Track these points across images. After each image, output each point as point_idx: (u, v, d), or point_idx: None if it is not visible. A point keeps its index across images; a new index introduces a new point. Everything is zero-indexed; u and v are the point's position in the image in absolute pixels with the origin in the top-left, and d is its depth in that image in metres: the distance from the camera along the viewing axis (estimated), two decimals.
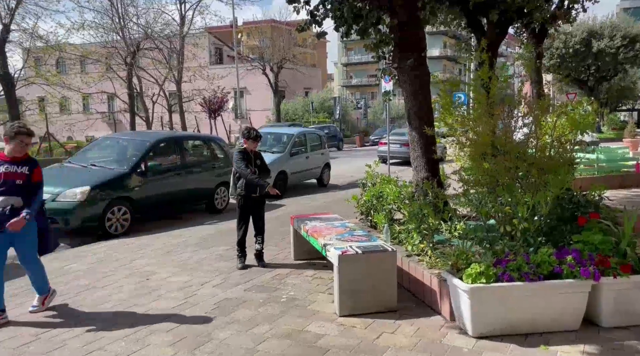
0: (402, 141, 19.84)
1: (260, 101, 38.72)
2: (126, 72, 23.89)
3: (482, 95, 5.34)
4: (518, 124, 5.10)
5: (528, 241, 4.19)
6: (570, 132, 4.79)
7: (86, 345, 3.81)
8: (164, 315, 4.40)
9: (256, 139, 5.75)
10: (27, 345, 3.82)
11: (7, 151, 4.34)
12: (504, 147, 4.72)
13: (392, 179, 5.95)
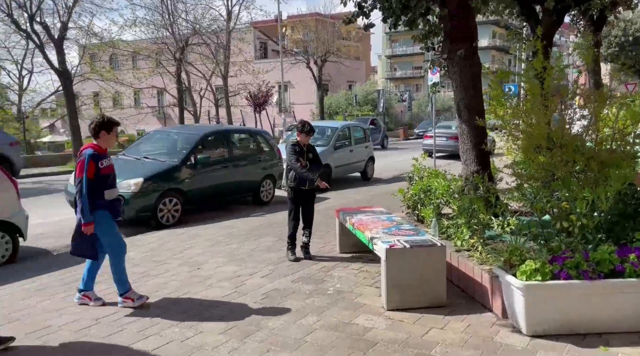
0: (449, 134, 19.44)
1: (303, 94, 38.90)
2: (175, 68, 24.54)
3: (535, 86, 5.15)
4: (575, 116, 4.89)
5: (586, 238, 4.02)
6: (632, 124, 4.56)
7: (143, 330, 3.97)
8: (215, 303, 4.52)
9: (309, 133, 5.76)
10: (87, 328, 4.02)
11: (105, 144, 4.37)
12: (561, 140, 4.54)
13: (441, 173, 5.84)
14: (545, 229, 4.22)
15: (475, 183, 5.01)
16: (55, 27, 18.20)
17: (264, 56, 44.63)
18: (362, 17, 6.56)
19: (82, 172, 4.17)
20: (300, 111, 37.56)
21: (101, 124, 4.30)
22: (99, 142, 4.33)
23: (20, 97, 26.48)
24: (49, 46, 18.72)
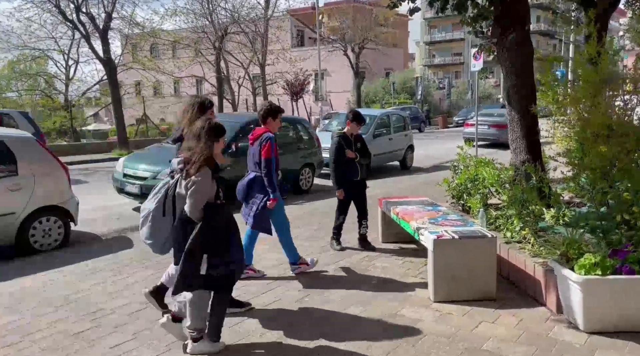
0: (490, 122, 18.91)
1: (340, 82, 38.63)
2: (214, 56, 24.80)
3: (589, 72, 4.89)
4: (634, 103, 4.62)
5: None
6: None
7: None
8: (260, 290, 4.54)
9: (360, 122, 5.64)
10: (137, 312, 4.11)
11: (272, 128, 4.58)
12: (622, 128, 4.29)
13: (489, 162, 5.65)
14: (604, 222, 4.01)
15: (527, 172, 4.82)
16: (100, 17, 18.69)
17: (300, 44, 44.54)
18: (407, 1, 6.38)
19: (269, 154, 4.39)
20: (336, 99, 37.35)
21: (268, 111, 4.58)
22: (266, 127, 4.58)
23: (67, 86, 27.41)
24: (94, 36, 19.24)
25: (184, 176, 3.21)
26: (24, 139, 6.24)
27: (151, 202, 3.41)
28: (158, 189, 3.46)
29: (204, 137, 3.18)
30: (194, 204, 3.15)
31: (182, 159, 3.24)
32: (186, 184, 3.16)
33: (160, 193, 3.38)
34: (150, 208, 3.36)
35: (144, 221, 3.43)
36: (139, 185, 8.04)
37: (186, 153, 3.23)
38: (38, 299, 4.44)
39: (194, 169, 3.12)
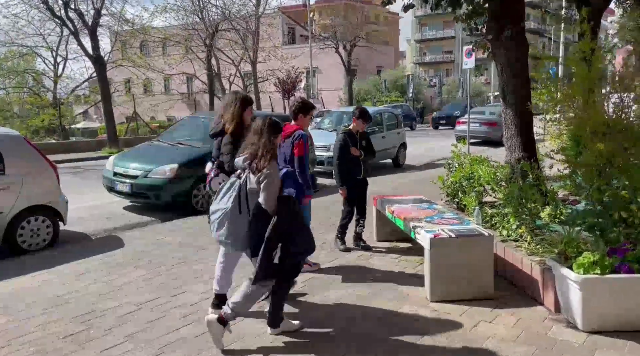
0: (482, 120, 18.93)
1: (331, 80, 38.56)
2: (205, 54, 24.61)
3: (583, 69, 4.88)
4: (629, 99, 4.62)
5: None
6: None
7: (186, 315, 3.95)
8: None
9: (366, 119, 5.49)
10: (131, 313, 4.02)
11: (302, 125, 4.59)
12: (619, 125, 4.27)
13: (485, 159, 5.62)
14: (601, 219, 3.99)
15: (524, 170, 4.79)
16: (89, 13, 18.43)
17: (292, 42, 44.38)
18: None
19: (302, 151, 4.37)
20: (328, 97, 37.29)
21: (300, 107, 4.57)
22: (297, 123, 4.56)
23: (55, 84, 27.06)
24: (82, 33, 18.99)
25: (254, 170, 3.31)
26: (12, 137, 6.10)
27: (223, 202, 3.40)
28: (226, 189, 3.44)
29: (266, 133, 3.35)
30: (269, 196, 3.28)
31: (247, 155, 3.35)
32: (258, 178, 3.28)
33: (232, 192, 3.38)
34: (227, 208, 3.36)
35: (221, 222, 3.40)
36: (129, 184, 7.92)
37: (250, 149, 3.36)
38: (27, 301, 4.33)
39: (263, 162, 3.27)
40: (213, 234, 3.51)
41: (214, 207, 3.47)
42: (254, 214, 3.32)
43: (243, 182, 3.35)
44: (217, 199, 3.48)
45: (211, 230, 3.51)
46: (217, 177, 3.91)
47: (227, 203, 3.36)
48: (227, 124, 3.78)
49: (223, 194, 3.44)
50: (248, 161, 3.34)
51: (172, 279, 4.81)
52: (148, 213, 8.04)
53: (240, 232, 3.37)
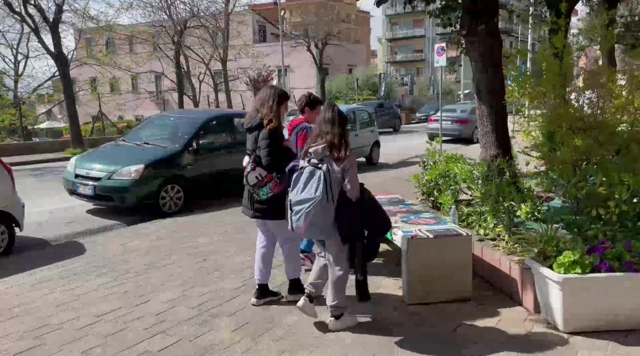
0: (453, 118, 19.08)
1: (303, 78, 38.33)
2: (174, 52, 24.02)
3: (555, 65, 4.84)
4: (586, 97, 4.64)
5: (625, 226, 3.73)
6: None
7: (149, 327, 3.69)
8: (225, 297, 4.25)
9: (315, 104, 4.90)
10: (90, 326, 3.74)
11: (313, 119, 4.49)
12: (595, 121, 4.23)
13: (461, 157, 5.52)
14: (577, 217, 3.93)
15: (501, 167, 4.70)
16: (50, 9, 17.72)
17: (263, 40, 43.96)
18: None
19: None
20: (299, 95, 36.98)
21: (306, 102, 4.68)
22: (304, 117, 4.69)
23: (16, 83, 26.00)
24: (44, 30, 18.24)
25: (336, 159, 3.38)
26: None
27: (310, 192, 3.36)
28: (306, 179, 3.43)
29: (338, 122, 3.48)
30: (355, 184, 3.42)
31: (326, 144, 3.41)
32: (343, 167, 3.38)
33: (316, 182, 3.37)
34: (317, 198, 3.33)
35: (308, 212, 3.35)
36: (92, 186, 7.54)
37: (327, 138, 3.42)
38: None
39: (344, 151, 3.40)
40: (293, 225, 3.46)
41: (297, 197, 3.42)
42: (343, 203, 3.39)
43: (327, 171, 3.36)
44: (296, 190, 3.44)
45: (292, 221, 3.45)
46: (254, 171, 3.84)
47: (315, 193, 3.34)
48: (265, 119, 3.81)
49: (303, 184, 3.43)
50: (328, 149, 3.39)
51: (136, 288, 4.53)
52: (113, 217, 7.68)
53: (327, 220, 3.39)
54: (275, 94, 3.90)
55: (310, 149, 3.47)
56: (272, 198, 3.82)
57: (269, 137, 3.80)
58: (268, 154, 3.78)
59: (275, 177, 3.83)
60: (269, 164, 3.80)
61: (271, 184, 3.82)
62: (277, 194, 3.81)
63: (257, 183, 3.81)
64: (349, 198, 3.39)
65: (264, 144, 3.81)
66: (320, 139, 3.45)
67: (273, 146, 3.79)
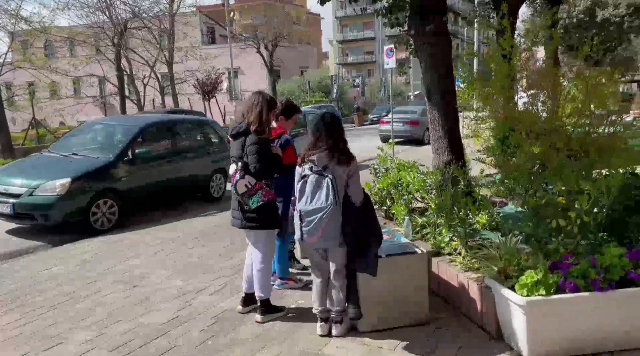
0: (405, 119, 19.06)
1: (254, 81, 37.51)
2: (114, 54, 22.81)
3: (504, 66, 4.64)
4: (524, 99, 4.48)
5: (587, 238, 3.49)
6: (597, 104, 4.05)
7: None
8: (154, 332, 3.71)
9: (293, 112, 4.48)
10: None
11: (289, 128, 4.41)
12: (551, 124, 3.99)
13: (413, 165, 5.20)
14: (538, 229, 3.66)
15: (455, 175, 4.40)
16: None
17: (212, 41, 42.87)
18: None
19: (293, 159, 4.00)
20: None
21: (282, 110, 4.27)
22: (279, 126, 4.27)
23: None
24: None
25: (339, 163, 3.36)
26: None
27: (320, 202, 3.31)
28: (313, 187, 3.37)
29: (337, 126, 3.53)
30: (359, 188, 3.45)
31: (328, 151, 3.38)
32: (348, 172, 3.37)
33: (325, 190, 3.32)
34: (329, 207, 3.28)
35: (320, 222, 3.31)
36: (11, 204, 6.73)
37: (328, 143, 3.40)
38: None
39: (348, 155, 3.42)
40: (304, 235, 3.39)
41: (307, 207, 3.34)
42: (350, 209, 3.38)
43: (333, 178, 3.32)
44: (305, 199, 3.37)
45: (302, 232, 3.39)
46: (242, 179, 3.69)
47: (327, 202, 3.29)
48: (253, 126, 3.70)
49: (311, 193, 3.36)
50: (330, 155, 3.37)
51: (49, 326, 3.91)
52: (37, 237, 6.92)
53: (337, 226, 3.36)
54: (263, 100, 3.79)
55: (312, 157, 3.40)
56: (263, 207, 3.71)
57: (257, 143, 3.66)
58: (257, 161, 3.64)
59: (265, 184, 3.73)
60: (258, 171, 3.66)
61: (261, 192, 3.71)
62: (268, 202, 3.73)
63: (246, 191, 3.68)
64: (353, 203, 3.40)
65: (252, 150, 3.67)
66: (319, 144, 3.42)
67: (262, 152, 3.66)
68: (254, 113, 3.74)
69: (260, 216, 3.75)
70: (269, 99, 3.83)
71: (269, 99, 3.83)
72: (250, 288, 4.02)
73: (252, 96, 3.90)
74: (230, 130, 3.91)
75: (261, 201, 3.69)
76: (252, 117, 3.73)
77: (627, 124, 3.69)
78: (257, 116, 3.72)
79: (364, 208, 3.47)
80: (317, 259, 3.62)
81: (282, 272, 4.50)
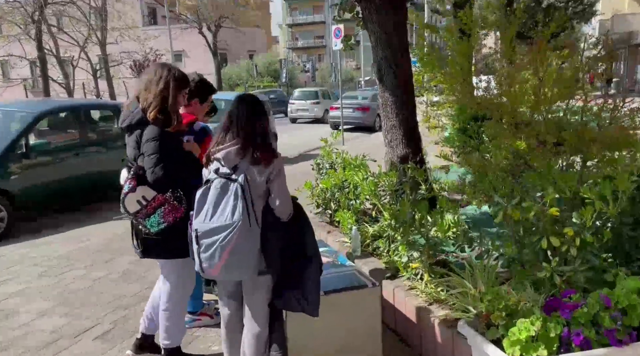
0: (355, 105, 18.32)
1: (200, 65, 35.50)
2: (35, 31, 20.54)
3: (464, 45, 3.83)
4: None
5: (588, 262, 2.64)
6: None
7: None
8: None
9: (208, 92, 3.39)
10: None
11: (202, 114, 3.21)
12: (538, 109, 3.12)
13: (362, 163, 4.20)
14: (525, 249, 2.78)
15: (413, 177, 3.46)
16: None
17: (153, 22, 40.37)
18: None
19: None
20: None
21: (196, 90, 3.08)
22: (188, 111, 3.07)
23: None
24: None
25: (255, 163, 2.37)
26: None
27: (223, 217, 2.29)
28: (216, 197, 2.33)
29: (255, 113, 2.47)
30: (286, 196, 2.45)
31: (240, 145, 2.36)
32: (268, 175, 2.38)
33: (233, 200, 2.29)
34: (235, 223, 2.26)
35: (224, 246, 2.27)
36: None
37: (240, 135, 2.38)
38: None
39: (270, 152, 2.41)
40: (203, 265, 2.35)
41: (205, 226, 2.31)
42: (271, 225, 2.39)
43: (244, 183, 2.31)
44: (204, 214, 2.33)
45: (200, 261, 2.35)
46: (133, 192, 2.56)
47: (233, 217, 2.28)
48: (152, 112, 2.58)
49: (213, 205, 2.33)
50: (242, 152, 2.36)
51: None
52: None
53: (252, 252, 2.35)
54: (169, 74, 2.67)
55: (217, 154, 2.38)
56: (168, 229, 2.59)
57: (157, 138, 2.55)
58: (156, 164, 2.54)
59: (173, 198, 2.60)
60: (160, 178, 2.54)
61: (164, 209, 2.59)
62: (175, 223, 2.59)
63: (140, 210, 2.57)
64: (277, 218, 2.41)
65: (150, 148, 2.56)
66: (229, 137, 2.39)
67: (164, 151, 2.54)
68: (154, 93, 2.62)
69: (164, 242, 2.66)
70: (178, 75, 2.72)
71: (177, 74, 2.71)
72: (151, 328, 2.96)
73: (152, 68, 2.76)
74: (121, 120, 2.77)
75: (164, 222, 2.58)
76: (152, 98, 2.60)
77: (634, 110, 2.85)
78: (159, 97, 2.61)
79: (294, 224, 2.49)
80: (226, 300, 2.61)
81: (192, 305, 3.43)
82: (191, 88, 3.08)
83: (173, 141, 2.63)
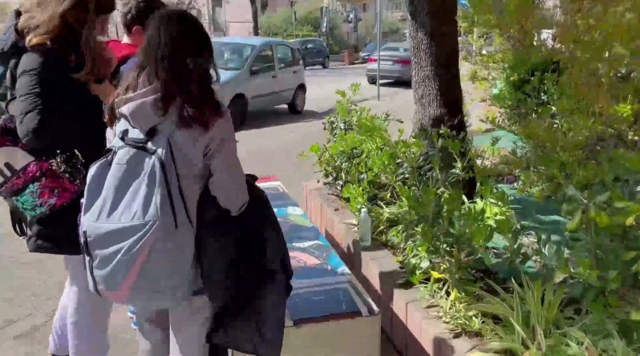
0: (395, 58, 16.96)
1: (241, 11, 34.50)
2: None
3: None
4: None
5: None
6: None
7: None
8: None
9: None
10: None
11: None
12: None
13: (379, 128, 3.12)
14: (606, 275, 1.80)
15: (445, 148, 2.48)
16: None
17: None
18: None
19: None
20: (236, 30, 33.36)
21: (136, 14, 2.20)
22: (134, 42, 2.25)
23: None
24: None
25: (185, 125, 1.44)
26: None
27: (129, 214, 1.40)
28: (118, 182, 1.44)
29: (187, 43, 1.51)
30: (237, 178, 1.56)
31: (160, 95, 1.45)
32: (206, 144, 1.47)
33: (147, 187, 1.40)
34: (152, 222, 1.38)
35: (132, 257, 1.40)
36: None
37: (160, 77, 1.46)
38: None
39: (210, 106, 1.49)
40: (99, 286, 1.49)
41: (102, 227, 1.43)
42: (213, 222, 1.51)
43: (167, 157, 1.42)
44: (98, 207, 1.45)
45: (94, 278, 1.49)
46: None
47: (143, 215, 1.40)
48: (35, 36, 1.71)
49: (114, 191, 1.44)
50: (163, 106, 1.45)
51: None
52: None
53: (180, 267, 1.47)
54: None
55: (122, 108, 1.48)
56: (54, 215, 1.76)
57: (35, 71, 1.68)
58: (30, 109, 1.64)
59: (58, 168, 1.72)
60: (33, 133, 1.64)
61: (39, 185, 1.71)
62: (63, 207, 1.74)
63: (4, 183, 1.72)
64: (223, 211, 1.54)
65: (24, 86, 1.67)
66: (143, 80, 1.50)
67: (49, 89, 1.67)
68: (51, 13, 1.73)
69: (51, 232, 1.84)
70: None
71: None
72: (64, 347, 2.21)
73: None
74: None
75: (42, 206, 1.73)
76: (45, 20, 1.73)
77: None
78: (58, 21, 1.73)
79: (249, 220, 1.59)
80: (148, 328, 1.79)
81: None
82: (136, 12, 2.18)
83: (67, 78, 1.73)
